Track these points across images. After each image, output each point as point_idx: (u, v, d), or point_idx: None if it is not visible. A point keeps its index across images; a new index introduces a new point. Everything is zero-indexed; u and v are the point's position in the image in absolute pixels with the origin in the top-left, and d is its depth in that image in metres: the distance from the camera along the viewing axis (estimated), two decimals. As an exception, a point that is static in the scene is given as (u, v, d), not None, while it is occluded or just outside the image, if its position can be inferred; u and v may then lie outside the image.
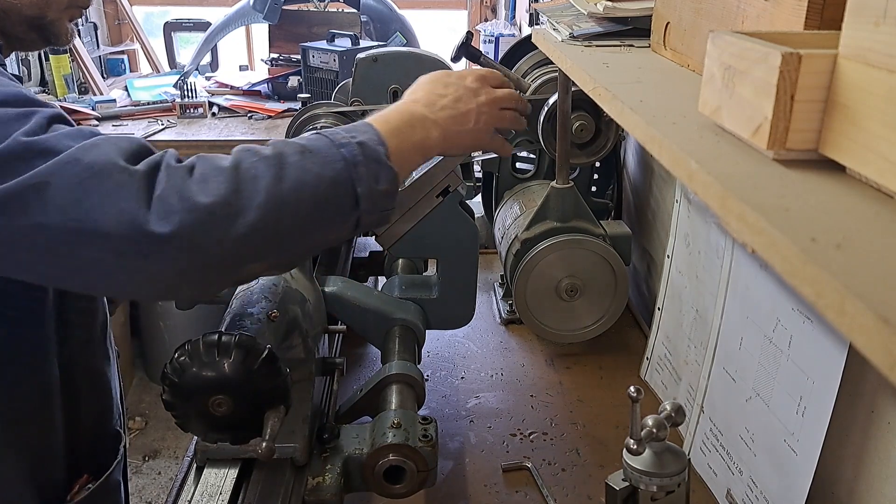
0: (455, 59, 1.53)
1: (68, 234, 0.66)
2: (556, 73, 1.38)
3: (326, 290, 1.07)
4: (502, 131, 0.98)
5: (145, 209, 0.66)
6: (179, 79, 3.00)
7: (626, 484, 0.86)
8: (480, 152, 1.04)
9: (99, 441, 1.02)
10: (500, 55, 1.75)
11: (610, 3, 0.96)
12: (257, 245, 0.70)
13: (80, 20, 3.16)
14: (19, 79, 0.99)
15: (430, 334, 1.18)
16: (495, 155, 1.57)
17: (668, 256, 1.33)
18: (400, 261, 1.35)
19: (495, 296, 1.68)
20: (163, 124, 2.76)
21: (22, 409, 0.88)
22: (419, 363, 1.09)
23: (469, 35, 1.52)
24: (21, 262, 0.69)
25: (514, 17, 3.14)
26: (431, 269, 1.45)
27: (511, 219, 1.50)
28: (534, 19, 2.38)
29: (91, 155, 0.68)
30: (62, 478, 0.95)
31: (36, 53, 2.97)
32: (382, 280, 1.46)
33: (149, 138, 2.61)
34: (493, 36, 2.96)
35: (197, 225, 0.67)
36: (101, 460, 1.01)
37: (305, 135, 0.79)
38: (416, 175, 1.05)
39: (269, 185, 0.70)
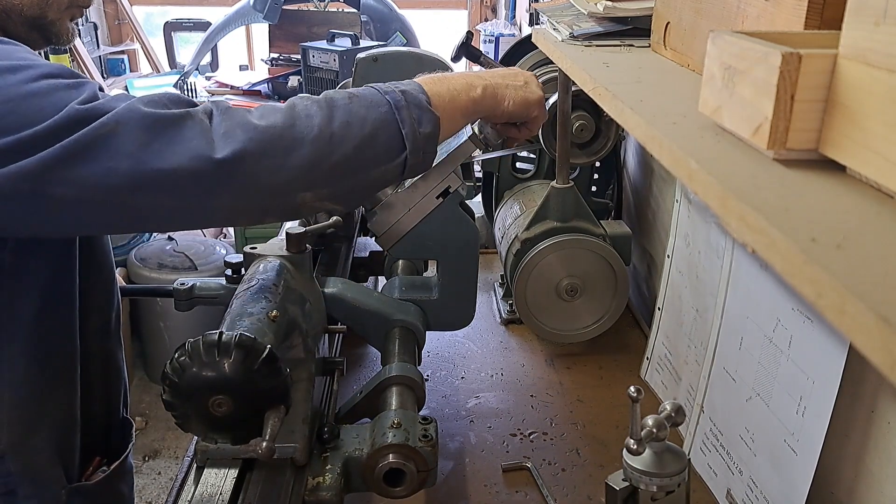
0: (455, 58, 1.53)
1: (137, 177, 0.70)
2: (557, 73, 1.38)
3: (326, 291, 1.06)
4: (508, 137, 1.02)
5: (211, 144, 0.72)
6: (179, 79, 3.00)
7: (627, 484, 0.86)
8: (481, 148, 1.04)
9: (110, 425, 1.07)
10: (500, 55, 1.75)
11: (610, 3, 0.96)
12: (310, 174, 0.76)
13: (80, 20, 3.17)
14: None
15: (430, 334, 1.18)
16: (499, 154, 1.58)
17: (669, 256, 1.33)
18: (400, 262, 1.35)
19: (495, 296, 1.68)
20: (163, 124, 2.76)
21: (51, 384, 0.92)
22: (419, 365, 1.09)
23: (469, 35, 1.53)
24: (86, 213, 0.72)
25: (514, 16, 3.14)
26: (431, 270, 1.45)
27: (511, 218, 1.50)
28: (534, 19, 2.38)
29: (149, 105, 0.73)
30: (79, 458, 0.98)
31: (39, 51, 2.97)
32: (382, 280, 1.46)
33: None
34: (493, 36, 2.96)
35: (257, 150, 0.73)
36: (112, 444, 1.06)
37: (355, 88, 0.86)
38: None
39: (321, 122, 0.77)
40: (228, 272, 1.07)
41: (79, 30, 3.17)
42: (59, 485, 0.94)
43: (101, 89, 0.77)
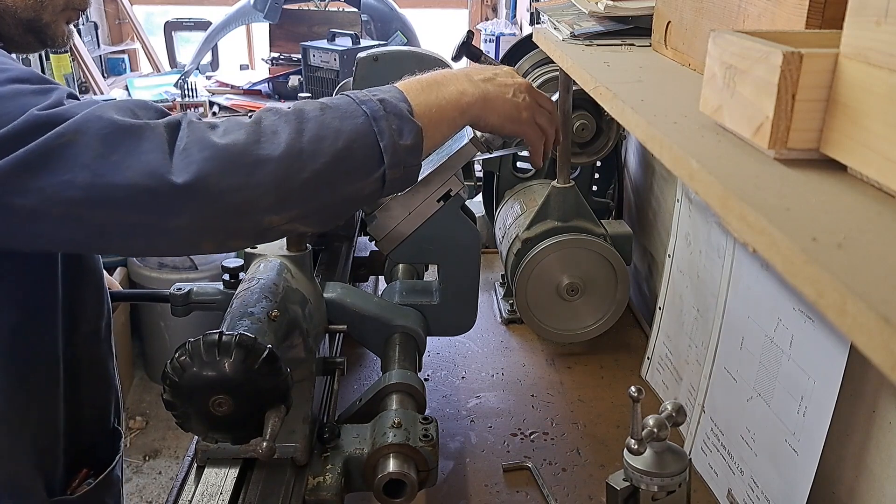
0: (456, 58, 1.53)
1: (94, 190, 0.66)
2: (557, 73, 1.38)
3: (325, 296, 1.06)
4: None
5: (168, 161, 0.67)
6: (180, 78, 3.00)
7: (627, 484, 0.85)
8: (481, 150, 1.03)
9: (98, 436, 1.04)
10: (501, 54, 1.75)
11: (611, 2, 0.96)
12: (276, 194, 0.71)
13: (80, 20, 3.16)
14: None
15: (431, 333, 1.18)
16: (499, 154, 1.57)
17: (669, 256, 1.33)
18: (400, 265, 1.35)
19: (496, 295, 1.67)
20: (163, 124, 2.76)
21: (31, 396, 0.90)
22: (419, 371, 1.08)
23: (470, 34, 1.52)
24: (47, 227, 0.69)
25: (514, 16, 3.14)
26: (430, 273, 1.45)
27: (512, 218, 1.50)
28: (535, 18, 2.38)
29: (111, 112, 0.69)
30: (63, 470, 0.96)
31: (37, 53, 2.97)
32: (383, 279, 1.46)
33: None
34: (493, 35, 2.96)
35: (216, 171, 0.68)
36: (100, 455, 1.03)
37: (330, 97, 0.80)
38: (425, 172, 1.04)
39: (289, 137, 0.72)
40: (226, 277, 1.07)
41: (79, 29, 3.18)
42: (40, 498, 0.92)
43: (73, 96, 0.74)
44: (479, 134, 1.02)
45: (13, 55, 0.86)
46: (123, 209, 0.67)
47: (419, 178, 1.03)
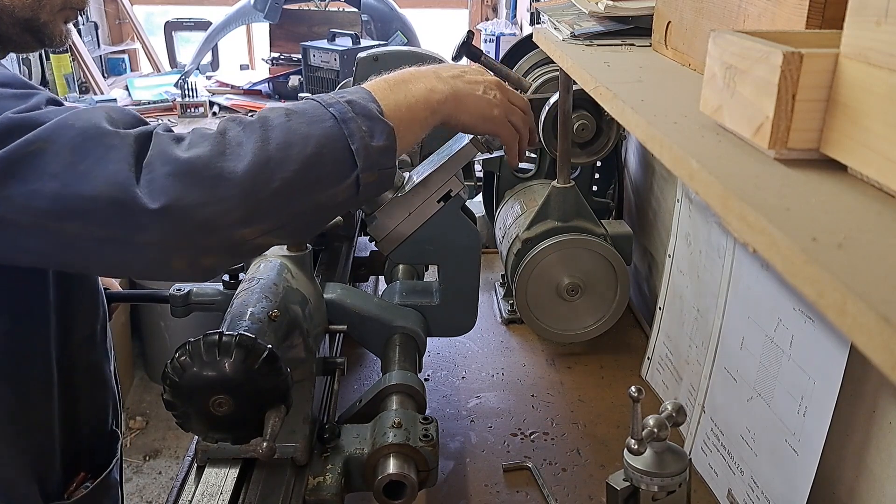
0: (456, 58, 1.53)
1: (61, 201, 0.64)
2: (557, 73, 1.38)
3: (325, 296, 1.06)
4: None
5: (134, 174, 0.65)
6: (180, 78, 3.00)
7: (627, 484, 0.85)
8: (482, 151, 1.02)
9: (96, 439, 1.03)
10: (501, 54, 1.75)
11: (611, 2, 0.96)
12: (245, 207, 0.68)
13: (81, 20, 3.16)
14: None
15: (431, 333, 1.18)
16: (499, 154, 1.57)
17: (670, 256, 1.33)
18: (400, 266, 1.35)
19: (496, 295, 1.67)
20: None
21: (24, 401, 0.89)
22: (419, 372, 1.08)
23: (470, 34, 1.52)
24: (15, 238, 0.67)
25: (514, 16, 3.14)
26: (430, 274, 1.45)
27: (512, 218, 1.50)
28: (535, 18, 2.38)
29: (84, 120, 0.67)
30: (60, 475, 0.95)
31: (37, 53, 2.97)
32: (383, 279, 1.46)
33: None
34: (493, 35, 2.96)
35: (180, 186, 0.65)
36: (98, 459, 1.02)
37: (295, 102, 0.78)
38: (417, 179, 1.04)
39: (254, 147, 0.69)
40: (226, 277, 1.07)
41: (79, 29, 3.18)
42: (35, 502, 0.91)
43: (54, 101, 0.72)
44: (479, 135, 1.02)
45: (11, 55, 0.85)
46: (90, 221, 0.65)
47: (420, 179, 1.03)
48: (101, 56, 3.45)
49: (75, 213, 0.65)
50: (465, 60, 1.58)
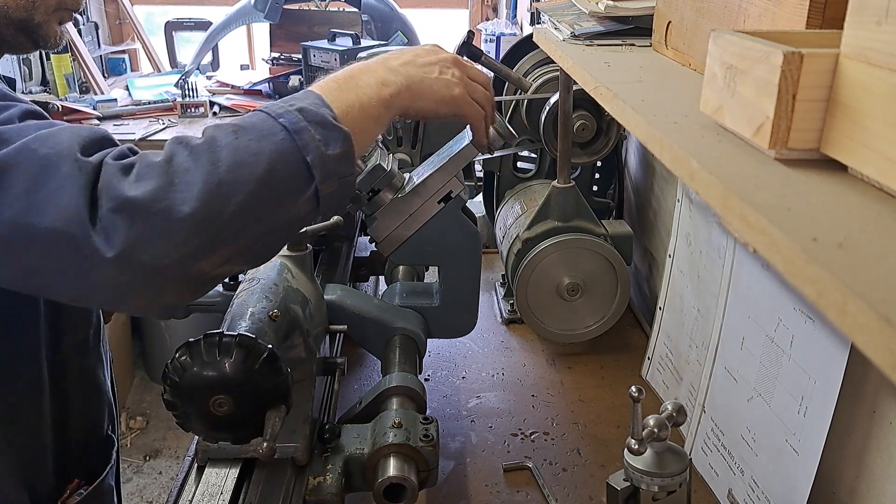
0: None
1: (17, 229, 0.63)
2: (558, 73, 1.38)
3: (325, 298, 1.05)
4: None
5: (88, 209, 0.63)
6: (180, 78, 3.00)
7: (628, 484, 0.85)
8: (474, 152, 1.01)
9: (90, 445, 1.01)
10: (502, 54, 1.75)
11: (611, 3, 0.96)
12: (200, 238, 0.64)
13: (81, 20, 3.15)
14: (10, 80, 0.98)
15: (431, 333, 1.18)
16: (500, 154, 1.57)
17: (670, 256, 1.33)
18: (400, 267, 1.35)
19: (496, 295, 1.67)
20: (164, 124, 2.77)
21: (12, 409, 0.88)
22: (420, 373, 1.08)
23: (470, 34, 1.52)
24: None
25: (515, 16, 3.14)
26: (431, 275, 1.45)
27: (512, 218, 1.50)
28: (535, 18, 2.38)
29: (47, 145, 0.65)
30: (52, 482, 0.94)
31: (37, 53, 2.97)
32: (383, 280, 1.46)
33: (149, 138, 2.61)
34: (494, 35, 2.96)
35: (130, 229, 0.62)
36: (92, 465, 1.01)
37: (243, 115, 0.74)
38: (417, 180, 1.04)
39: (203, 174, 0.65)
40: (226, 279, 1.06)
41: (79, 29, 3.18)
42: None
43: (32, 114, 0.70)
44: None
45: (13, 56, 0.84)
46: (46, 254, 0.63)
47: (420, 180, 1.03)
48: (101, 56, 3.45)
49: (31, 244, 0.63)
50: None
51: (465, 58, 1.00)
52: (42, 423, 0.92)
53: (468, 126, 1.03)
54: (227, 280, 1.06)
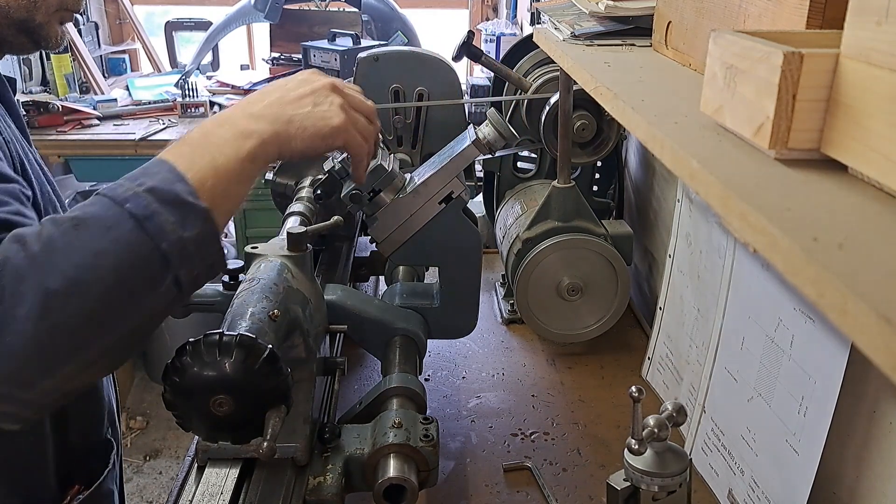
0: (456, 58, 1.53)
1: None
2: (558, 73, 1.38)
3: (326, 298, 1.05)
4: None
5: None
6: (181, 78, 3.00)
7: (628, 484, 0.85)
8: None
9: (89, 450, 1.01)
10: (502, 54, 1.75)
11: (612, 3, 0.96)
12: (40, 358, 0.58)
13: (81, 20, 3.16)
14: (12, 81, 0.97)
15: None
16: (502, 153, 1.57)
17: (670, 256, 1.32)
18: (400, 268, 1.35)
19: (496, 295, 1.67)
20: (164, 124, 2.77)
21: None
22: (420, 374, 1.08)
23: (470, 34, 1.52)
24: None
25: (515, 16, 3.14)
26: (431, 275, 1.45)
27: (512, 218, 1.50)
28: (535, 18, 2.38)
29: None
30: (53, 488, 0.94)
31: (37, 53, 2.97)
32: (383, 280, 1.46)
33: (150, 138, 2.62)
34: (494, 35, 2.96)
35: None
36: (92, 470, 1.00)
37: (86, 201, 0.65)
38: (418, 180, 1.04)
39: (36, 285, 0.57)
40: (226, 278, 1.06)
41: (80, 29, 3.18)
42: None
43: None
44: (481, 135, 1.02)
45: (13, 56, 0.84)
46: None
47: (421, 181, 1.03)
48: (101, 56, 3.45)
49: None
50: (465, 60, 1.58)
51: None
52: (42, 432, 0.91)
53: (470, 125, 1.03)
54: (226, 279, 1.06)
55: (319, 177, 1.04)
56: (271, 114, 0.73)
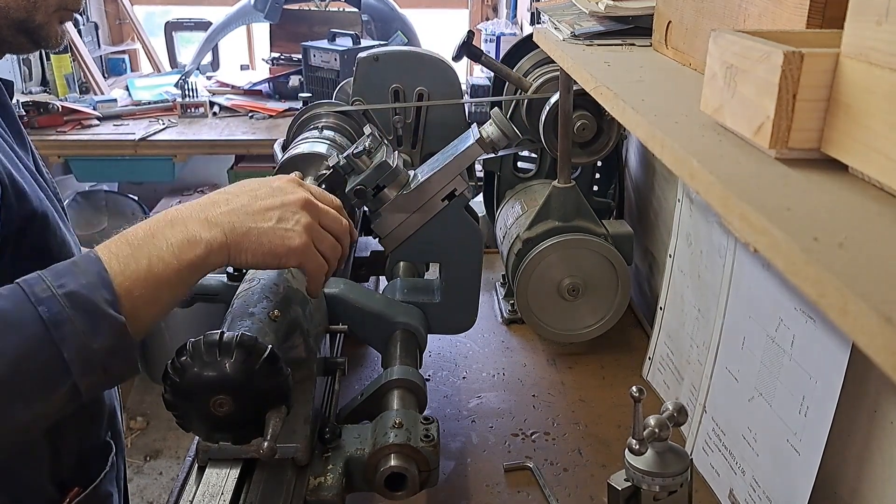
0: (456, 58, 1.53)
1: None
2: (558, 73, 1.38)
3: (327, 291, 1.06)
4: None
5: None
6: (180, 78, 3.00)
7: (629, 484, 0.85)
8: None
9: (88, 453, 1.00)
10: (501, 54, 1.75)
11: (612, 2, 0.96)
12: None
13: (81, 20, 3.16)
14: (9, 84, 0.97)
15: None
16: (504, 153, 1.57)
17: (670, 256, 1.32)
18: (401, 263, 1.35)
19: (497, 295, 1.67)
20: (164, 124, 2.77)
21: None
22: (420, 367, 1.08)
23: (470, 34, 1.52)
24: None
25: (515, 16, 3.14)
26: (431, 272, 1.45)
27: (513, 218, 1.50)
28: (535, 18, 2.38)
29: None
30: (50, 490, 0.94)
31: (37, 53, 2.98)
32: (383, 280, 1.46)
33: (150, 138, 2.62)
34: (494, 35, 2.96)
35: None
36: (91, 472, 0.99)
37: (2, 289, 0.63)
38: (422, 177, 1.04)
39: None
40: (230, 270, 1.07)
41: (79, 29, 3.18)
42: None
43: None
44: (485, 134, 1.02)
45: (13, 56, 0.84)
46: None
47: (424, 178, 1.03)
48: (101, 56, 3.45)
49: None
50: (465, 60, 1.58)
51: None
52: (36, 441, 0.90)
53: (474, 124, 1.03)
54: (231, 271, 1.06)
55: (323, 172, 1.04)
56: (228, 222, 0.70)
